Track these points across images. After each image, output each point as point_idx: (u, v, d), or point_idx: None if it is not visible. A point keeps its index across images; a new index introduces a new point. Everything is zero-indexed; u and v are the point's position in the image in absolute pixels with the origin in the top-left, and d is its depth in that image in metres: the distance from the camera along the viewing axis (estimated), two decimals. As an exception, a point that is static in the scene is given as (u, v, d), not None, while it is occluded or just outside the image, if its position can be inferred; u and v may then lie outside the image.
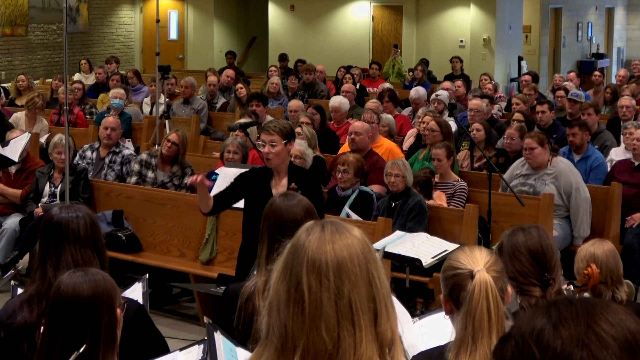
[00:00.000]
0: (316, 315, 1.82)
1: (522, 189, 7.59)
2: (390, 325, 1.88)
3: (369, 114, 8.75)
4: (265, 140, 5.11)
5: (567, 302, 1.39)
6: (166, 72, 10.58)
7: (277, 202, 3.45)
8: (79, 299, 2.77)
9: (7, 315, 3.28)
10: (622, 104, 10.11)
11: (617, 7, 25.24)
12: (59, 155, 7.96)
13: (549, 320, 1.37)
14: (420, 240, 5.93)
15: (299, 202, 3.45)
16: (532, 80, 13.21)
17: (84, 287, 2.79)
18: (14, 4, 17.18)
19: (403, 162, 7.33)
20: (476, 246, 2.81)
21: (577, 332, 1.33)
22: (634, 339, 1.33)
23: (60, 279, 2.83)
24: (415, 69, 15.27)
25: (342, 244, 1.88)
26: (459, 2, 18.19)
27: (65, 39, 6.96)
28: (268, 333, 1.89)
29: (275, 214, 3.40)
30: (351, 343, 1.82)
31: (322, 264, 1.85)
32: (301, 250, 1.88)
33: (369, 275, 1.87)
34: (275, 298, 1.88)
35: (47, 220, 3.40)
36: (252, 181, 5.21)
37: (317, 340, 1.82)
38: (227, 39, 20.66)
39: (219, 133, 11.26)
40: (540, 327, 1.36)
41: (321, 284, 1.83)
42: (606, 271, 3.99)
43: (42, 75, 16.92)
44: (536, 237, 3.38)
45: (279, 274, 1.90)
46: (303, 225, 1.95)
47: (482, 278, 2.61)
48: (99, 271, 2.89)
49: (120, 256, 7.37)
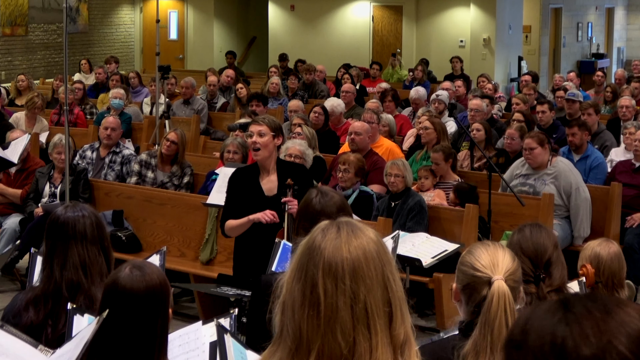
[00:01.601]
0: (332, 319, 1.81)
1: (522, 189, 7.59)
2: (404, 328, 1.87)
3: (369, 114, 8.75)
4: (254, 130, 5.12)
5: (585, 310, 1.36)
6: (166, 72, 10.58)
7: (313, 199, 3.44)
8: (135, 296, 2.70)
9: (12, 315, 3.27)
10: (622, 104, 10.11)
11: (617, 7, 25.24)
12: (59, 156, 7.96)
13: (569, 331, 1.34)
14: (420, 240, 5.93)
15: (332, 198, 3.45)
16: (532, 80, 13.21)
17: (140, 285, 2.72)
18: (14, 4, 17.18)
19: (403, 162, 7.33)
20: (500, 245, 2.77)
21: (598, 349, 1.31)
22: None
23: (118, 276, 2.74)
24: (415, 69, 15.27)
25: (357, 245, 1.86)
26: (459, 2, 18.19)
27: (65, 39, 6.97)
28: (282, 332, 1.88)
29: (311, 211, 3.39)
30: (367, 347, 1.81)
31: (339, 268, 1.83)
32: (317, 252, 1.86)
33: (384, 278, 1.86)
34: (289, 298, 1.87)
35: (53, 219, 3.38)
36: (241, 180, 5.21)
37: (332, 344, 1.81)
38: (227, 39, 20.66)
39: (219, 133, 11.26)
40: (562, 338, 1.33)
41: (337, 288, 1.82)
42: (609, 273, 3.98)
43: (42, 75, 16.92)
44: (527, 235, 3.37)
45: (293, 273, 1.88)
46: (318, 225, 1.94)
47: (500, 289, 2.58)
48: (154, 269, 2.80)
49: (120, 256, 7.35)
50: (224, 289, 6.05)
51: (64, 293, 3.28)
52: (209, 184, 7.53)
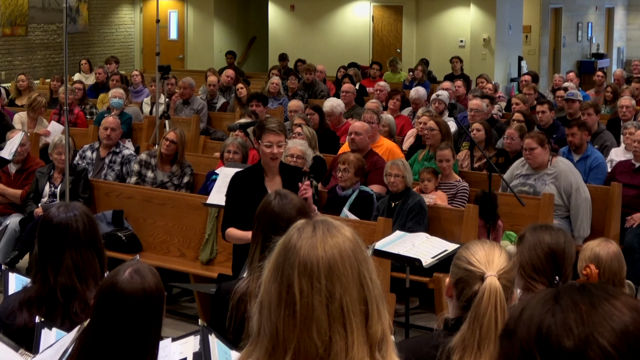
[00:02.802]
0: (307, 318, 1.82)
1: (522, 189, 7.59)
2: (381, 325, 1.88)
3: (369, 114, 8.75)
4: (273, 141, 5.14)
5: (572, 302, 1.36)
6: (166, 72, 10.58)
7: (272, 202, 3.43)
8: (133, 301, 2.70)
9: (6, 315, 3.25)
10: (622, 104, 10.11)
11: (617, 7, 25.24)
12: (59, 156, 7.96)
13: (554, 323, 1.34)
14: (420, 241, 5.93)
15: (291, 200, 3.44)
16: (532, 80, 13.20)
17: (139, 290, 2.71)
18: (14, 4, 17.18)
19: (403, 162, 7.33)
20: (497, 245, 2.77)
21: (580, 342, 1.31)
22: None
23: (117, 279, 2.73)
24: (415, 69, 15.26)
25: (333, 244, 1.87)
26: (459, 2, 18.19)
27: (65, 39, 6.97)
28: (259, 332, 1.88)
29: (269, 214, 3.39)
30: (343, 346, 1.82)
31: (314, 267, 1.84)
32: (292, 252, 1.86)
33: (360, 277, 1.86)
34: (266, 298, 1.87)
35: (45, 222, 3.35)
36: (244, 183, 5.21)
37: (308, 343, 1.81)
38: (227, 39, 20.66)
39: (219, 133, 11.26)
40: (547, 329, 1.34)
41: (313, 288, 1.82)
42: (609, 273, 3.99)
43: (42, 75, 16.92)
44: (562, 242, 3.42)
45: (270, 273, 1.89)
46: (294, 224, 1.94)
47: (493, 285, 2.59)
48: (151, 274, 2.79)
49: (120, 256, 7.36)
50: (224, 289, 6.05)
51: (59, 299, 3.25)
52: (209, 184, 7.53)
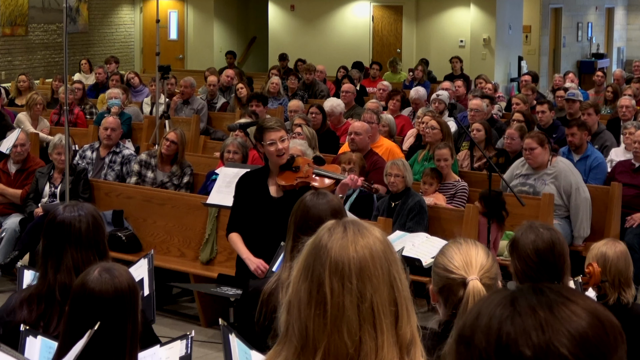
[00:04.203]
0: (338, 318, 1.81)
1: (522, 189, 7.60)
2: (410, 327, 1.88)
3: (369, 114, 8.75)
4: (275, 137, 5.12)
5: (529, 308, 1.32)
6: (166, 72, 10.58)
7: (307, 199, 3.43)
8: (104, 299, 2.69)
9: (6, 312, 3.27)
10: (622, 104, 10.11)
11: (617, 7, 25.24)
12: (59, 156, 7.97)
13: (514, 330, 1.31)
14: (420, 240, 5.94)
15: (328, 201, 3.43)
16: (532, 80, 13.20)
17: (109, 289, 2.71)
18: (14, 4, 17.18)
19: (403, 162, 7.33)
20: (472, 242, 2.73)
21: (539, 351, 1.28)
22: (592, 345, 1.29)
23: (87, 279, 2.73)
24: (415, 69, 15.27)
25: (364, 245, 1.87)
26: (459, 2, 18.19)
27: (65, 39, 6.97)
28: (287, 331, 1.88)
29: (303, 210, 3.37)
30: (373, 347, 1.81)
31: (345, 267, 1.84)
32: (323, 251, 1.86)
33: (390, 278, 1.86)
34: (295, 297, 1.87)
35: (50, 219, 3.36)
36: (249, 184, 5.21)
37: (338, 343, 1.81)
38: (227, 39, 20.66)
39: (219, 133, 11.26)
40: (507, 337, 1.30)
41: (344, 287, 1.82)
42: (615, 272, 4.01)
43: (42, 75, 16.92)
44: (547, 239, 3.36)
45: (299, 273, 1.88)
46: (324, 224, 1.94)
47: (476, 289, 2.57)
48: (123, 273, 2.78)
49: (120, 256, 7.35)
50: (224, 289, 6.07)
51: (57, 296, 3.25)
52: (209, 184, 7.53)
